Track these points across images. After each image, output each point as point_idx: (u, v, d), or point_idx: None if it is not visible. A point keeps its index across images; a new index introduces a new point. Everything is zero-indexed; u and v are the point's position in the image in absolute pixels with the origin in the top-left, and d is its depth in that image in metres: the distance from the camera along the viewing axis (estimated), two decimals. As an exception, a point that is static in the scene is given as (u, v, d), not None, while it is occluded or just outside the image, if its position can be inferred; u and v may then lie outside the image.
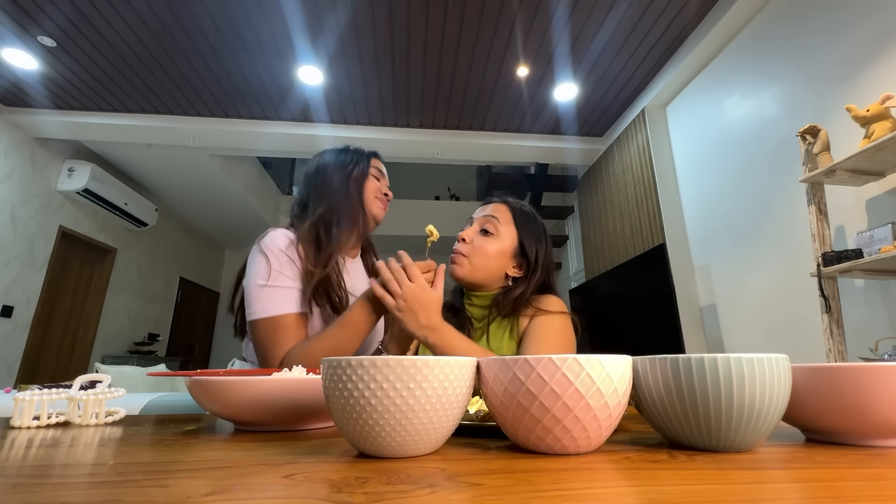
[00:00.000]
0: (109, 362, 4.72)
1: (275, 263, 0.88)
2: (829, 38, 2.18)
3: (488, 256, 0.94)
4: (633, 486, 0.28)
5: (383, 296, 0.79)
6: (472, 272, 0.94)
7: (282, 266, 0.89)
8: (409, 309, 0.77)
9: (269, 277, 0.87)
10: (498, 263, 0.95)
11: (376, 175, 1.10)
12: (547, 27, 2.92)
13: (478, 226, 0.98)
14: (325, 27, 2.91)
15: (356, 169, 1.06)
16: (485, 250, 0.94)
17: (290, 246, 0.91)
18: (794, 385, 0.39)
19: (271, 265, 0.88)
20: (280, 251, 0.90)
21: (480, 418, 0.48)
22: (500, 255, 0.95)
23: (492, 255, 0.94)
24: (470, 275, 0.94)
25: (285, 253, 0.90)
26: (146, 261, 5.60)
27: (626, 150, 3.86)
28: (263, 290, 0.86)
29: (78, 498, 0.26)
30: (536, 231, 0.99)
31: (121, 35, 2.95)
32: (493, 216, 0.97)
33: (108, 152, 4.49)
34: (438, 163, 4.55)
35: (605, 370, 0.36)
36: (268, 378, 0.51)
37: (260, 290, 0.87)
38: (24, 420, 0.53)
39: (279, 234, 0.93)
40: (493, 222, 0.96)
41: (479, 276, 0.94)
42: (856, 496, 0.25)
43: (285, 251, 0.90)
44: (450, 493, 0.26)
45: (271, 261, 0.88)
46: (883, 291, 1.91)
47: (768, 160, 2.53)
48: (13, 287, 3.88)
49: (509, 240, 0.96)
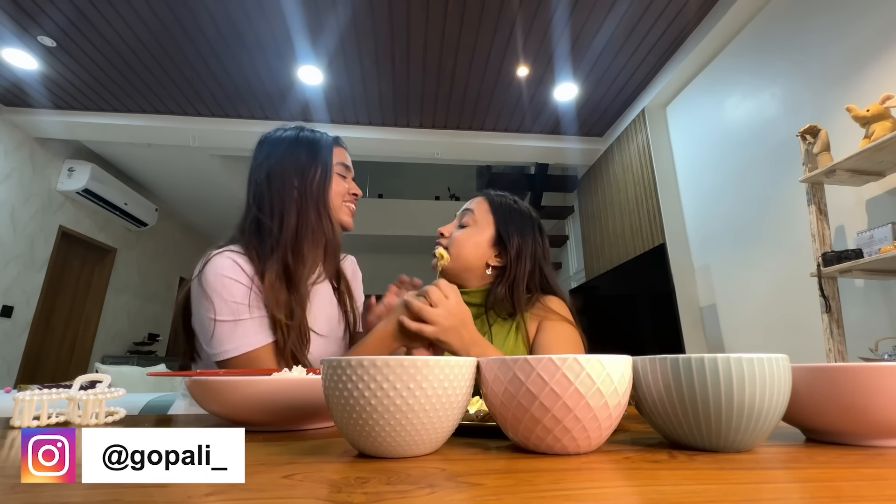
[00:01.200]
0: (109, 362, 4.72)
1: (227, 295, 0.77)
2: (829, 38, 2.18)
3: (464, 246, 0.94)
4: (633, 486, 0.28)
5: (421, 328, 0.73)
6: (453, 262, 0.94)
7: (235, 296, 0.78)
8: (453, 328, 0.74)
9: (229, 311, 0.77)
10: (475, 253, 0.94)
11: (341, 172, 0.94)
12: (547, 27, 2.92)
13: (456, 221, 1.00)
14: (325, 27, 2.91)
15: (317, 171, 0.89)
16: (460, 241, 0.95)
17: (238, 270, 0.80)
18: (794, 385, 0.39)
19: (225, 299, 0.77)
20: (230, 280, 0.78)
21: (480, 418, 0.48)
22: (476, 245, 0.95)
23: (468, 245, 0.94)
24: (450, 265, 0.94)
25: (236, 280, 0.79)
26: (146, 261, 5.60)
27: (626, 150, 3.86)
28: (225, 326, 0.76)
29: (78, 498, 0.26)
30: (519, 221, 0.97)
31: (121, 35, 2.95)
32: (469, 209, 0.99)
33: (108, 152, 4.49)
34: (438, 163, 4.56)
35: (605, 370, 0.36)
36: (268, 378, 0.51)
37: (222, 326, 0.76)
38: (24, 420, 0.53)
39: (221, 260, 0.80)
40: (469, 215, 0.98)
41: (458, 266, 0.94)
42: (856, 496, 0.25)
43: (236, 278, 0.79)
44: (450, 493, 0.26)
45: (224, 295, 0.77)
46: (883, 291, 1.91)
47: (768, 160, 2.53)
48: (13, 287, 3.88)
49: (487, 229, 0.96)
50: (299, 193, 0.87)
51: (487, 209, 0.98)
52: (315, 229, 0.87)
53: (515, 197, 1.04)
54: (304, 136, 0.94)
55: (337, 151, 0.95)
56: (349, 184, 0.96)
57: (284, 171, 0.88)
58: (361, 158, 4.66)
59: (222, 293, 0.78)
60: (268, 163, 0.90)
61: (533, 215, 1.02)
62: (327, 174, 0.90)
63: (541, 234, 0.99)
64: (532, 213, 1.03)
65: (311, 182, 0.88)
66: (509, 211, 0.99)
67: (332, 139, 0.96)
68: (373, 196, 7.82)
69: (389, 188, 7.94)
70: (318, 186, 0.88)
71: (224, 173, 4.77)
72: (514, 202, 1.02)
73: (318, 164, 0.90)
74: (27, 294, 4.02)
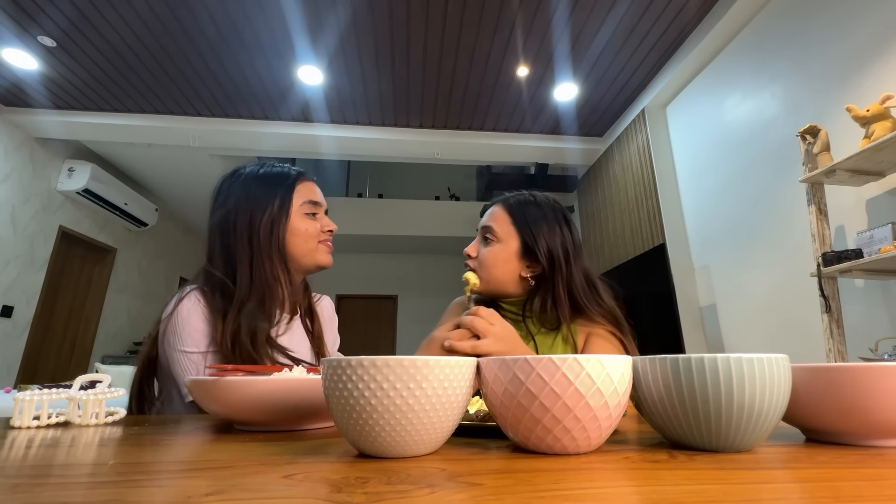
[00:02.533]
0: (109, 362, 4.72)
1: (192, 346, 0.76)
2: (829, 38, 2.18)
3: (494, 266, 0.90)
4: (633, 486, 0.28)
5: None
6: (486, 286, 0.90)
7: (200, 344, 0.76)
8: (507, 352, 0.73)
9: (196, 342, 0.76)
10: (507, 269, 0.90)
11: (310, 210, 0.87)
12: (547, 27, 2.92)
13: (479, 237, 0.95)
14: (325, 27, 2.91)
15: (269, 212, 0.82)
16: (487, 262, 0.90)
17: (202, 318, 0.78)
18: (794, 385, 0.39)
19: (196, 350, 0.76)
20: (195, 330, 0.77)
21: (480, 418, 0.48)
22: (506, 261, 0.90)
23: (497, 264, 0.90)
24: (484, 289, 0.91)
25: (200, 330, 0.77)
26: (146, 261, 5.60)
27: (626, 150, 3.86)
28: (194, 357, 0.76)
29: (78, 498, 0.26)
30: (540, 218, 0.92)
31: (121, 35, 2.95)
32: (488, 225, 0.93)
33: (108, 152, 4.49)
34: (438, 163, 4.56)
35: (605, 370, 0.36)
36: (268, 378, 0.51)
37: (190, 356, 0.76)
38: (24, 420, 0.53)
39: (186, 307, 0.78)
40: (491, 230, 0.93)
41: (494, 288, 0.91)
42: (856, 496, 0.25)
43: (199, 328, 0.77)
44: (450, 493, 0.26)
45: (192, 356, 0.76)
46: (883, 291, 1.91)
47: (768, 160, 2.53)
48: (13, 287, 3.88)
49: (512, 241, 0.91)
50: (251, 245, 0.81)
51: (507, 219, 0.93)
52: (272, 282, 0.81)
53: (533, 192, 0.98)
54: (261, 175, 0.87)
55: (302, 188, 0.87)
56: (322, 220, 0.90)
57: (236, 220, 0.82)
58: (361, 158, 4.66)
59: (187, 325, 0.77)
60: (220, 211, 0.84)
61: (555, 205, 0.96)
62: (281, 220, 0.83)
63: (567, 225, 0.93)
64: (553, 202, 0.97)
65: (264, 230, 0.81)
66: (528, 212, 0.93)
67: (294, 176, 0.88)
68: (373, 196, 7.83)
69: (389, 188, 7.94)
70: (272, 234, 0.82)
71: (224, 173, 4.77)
72: (532, 197, 0.96)
73: (271, 208, 0.83)
74: (27, 294, 4.02)
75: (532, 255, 0.90)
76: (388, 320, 7.42)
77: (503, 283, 0.91)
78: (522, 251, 0.90)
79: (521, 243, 0.90)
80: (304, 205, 0.87)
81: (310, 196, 0.89)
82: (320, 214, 0.91)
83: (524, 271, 0.91)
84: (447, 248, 6.95)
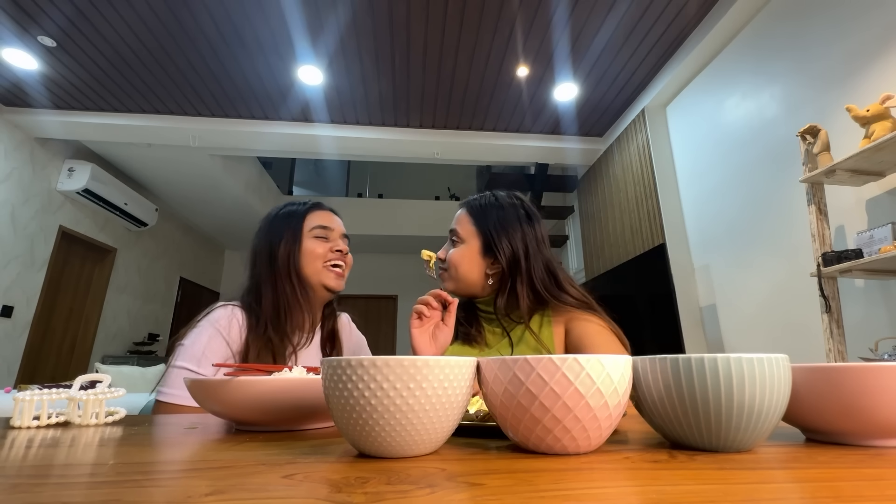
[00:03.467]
0: (109, 362, 4.72)
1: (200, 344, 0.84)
2: (829, 38, 2.18)
3: (460, 265, 0.93)
4: (633, 486, 0.28)
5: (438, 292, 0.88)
6: (456, 284, 0.94)
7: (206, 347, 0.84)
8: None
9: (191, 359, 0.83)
10: (472, 268, 0.93)
11: (320, 234, 0.96)
12: (547, 27, 2.92)
13: (449, 241, 0.99)
14: (325, 27, 2.91)
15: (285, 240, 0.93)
16: (454, 262, 0.94)
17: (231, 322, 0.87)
18: (794, 385, 0.39)
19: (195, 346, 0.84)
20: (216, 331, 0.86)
21: (480, 418, 0.48)
22: (470, 260, 0.93)
23: (462, 263, 0.93)
24: (455, 288, 0.94)
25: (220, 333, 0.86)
26: (146, 261, 5.60)
27: (626, 150, 3.86)
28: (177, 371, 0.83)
29: (78, 498, 0.26)
30: (500, 218, 0.94)
31: (121, 35, 2.95)
32: (453, 227, 0.98)
33: (108, 152, 4.49)
34: (438, 163, 4.56)
35: (605, 370, 0.36)
36: (268, 378, 0.51)
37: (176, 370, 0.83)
38: (24, 420, 0.53)
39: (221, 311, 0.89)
40: (455, 231, 0.96)
41: (463, 287, 0.94)
42: (856, 496, 0.25)
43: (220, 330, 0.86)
44: (450, 493, 0.26)
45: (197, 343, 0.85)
46: (883, 291, 1.91)
47: (768, 160, 2.53)
48: (13, 287, 3.88)
49: (474, 241, 0.94)
50: (272, 270, 0.92)
51: (468, 220, 0.96)
52: (291, 303, 0.91)
53: (497, 192, 1.01)
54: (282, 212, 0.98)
55: (314, 216, 0.97)
56: (333, 242, 0.96)
57: (261, 251, 0.94)
58: (361, 158, 4.66)
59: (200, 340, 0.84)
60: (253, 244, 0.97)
61: (517, 202, 0.98)
62: (296, 240, 0.93)
63: (529, 221, 0.95)
64: (516, 200, 0.98)
65: (281, 256, 0.92)
66: (488, 212, 0.95)
67: (309, 206, 0.99)
68: (373, 196, 7.83)
69: (389, 188, 7.94)
70: (288, 259, 0.92)
71: (224, 173, 4.77)
72: (494, 198, 0.98)
73: (286, 236, 0.93)
74: (27, 294, 4.02)
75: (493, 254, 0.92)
76: (388, 320, 7.42)
77: (471, 283, 0.93)
78: (484, 250, 0.93)
79: (483, 243, 0.93)
80: (314, 229, 0.95)
81: (319, 222, 0.97)
82: (332, 238, 0.97)
83: (488, 268, 0.93)
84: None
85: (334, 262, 0.95)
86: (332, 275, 0.95)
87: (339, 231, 0.99)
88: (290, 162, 7.73)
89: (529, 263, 0.90)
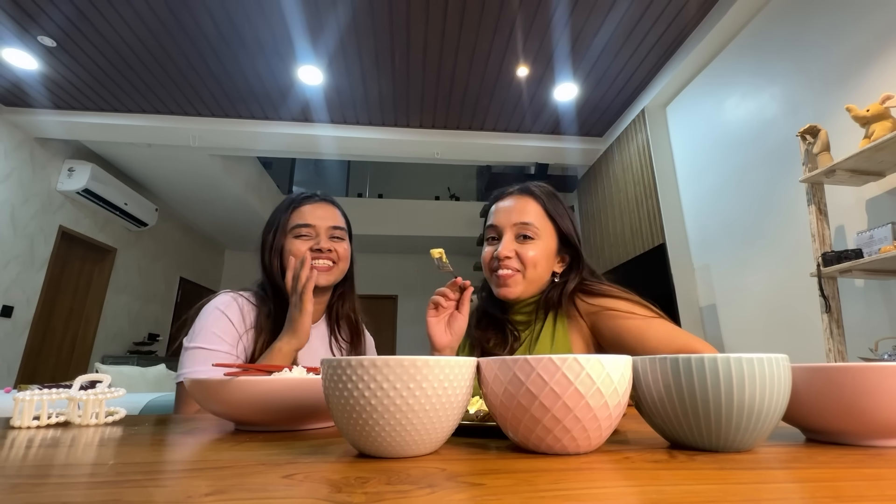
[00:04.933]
0: (109, 362, 4.72)
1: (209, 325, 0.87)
2: (829, 38, 2.18)
3: (540, 264, 0.84)
4: (633, 486, 0.28)
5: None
6: (528, 288, 0.85)
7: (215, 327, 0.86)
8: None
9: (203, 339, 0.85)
10: (548, 266, 0.86)
11: (302, 232, 0.94)
12: (547, 27, 2.92)
13: (512, 235, 0.86)
14: (325, 27, 2.91)
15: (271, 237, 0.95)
16: (536, 260, 0.84)
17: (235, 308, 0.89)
18: (794, 385, 0.39)
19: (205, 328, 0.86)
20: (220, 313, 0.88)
21: (480, 418, 0.48)
22: (548, 258, 0.86)
23: (542, 262, 0.85)
24: (525, 292, 0.86)
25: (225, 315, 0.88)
26: (146, 261, 5.60)
27: (626, 150, 3.86)
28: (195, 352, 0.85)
29: (78, 498, 0.26)
30: (565, 210, 0.88)
31: (121, 35, 2.95)
32: (527, 220, 0.86)
33: (108, 152, 4.49)
34: (438, 163, 4.56)
35: (605, 370, 0.36)
36: (268, 378, 0.51)
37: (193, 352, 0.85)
38: (24, 420, 0.53)
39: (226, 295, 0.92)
40: (529, 225, 0.85)
41: (534, 290, 0.86)
42: (856, 496, 0.25)
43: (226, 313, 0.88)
44: (450, 493, 0.26)
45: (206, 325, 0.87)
46: (883, 291, 1.91)
47: (768, 160, 2.53)
48: (13, 287, 3.88)
49: (551, 237, 0.86)
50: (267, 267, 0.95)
51: (541, 212, 0.87)
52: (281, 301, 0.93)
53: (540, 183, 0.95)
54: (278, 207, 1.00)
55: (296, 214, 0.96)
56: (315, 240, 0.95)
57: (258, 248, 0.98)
58: (361, 158, 4.66)
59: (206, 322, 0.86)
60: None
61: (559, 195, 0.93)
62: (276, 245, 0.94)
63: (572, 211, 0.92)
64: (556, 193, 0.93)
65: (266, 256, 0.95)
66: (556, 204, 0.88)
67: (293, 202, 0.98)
68: (373, 196, 7.83)
69: (389, 188, 7.94)
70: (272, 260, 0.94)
71: (224, 173, 4.77)
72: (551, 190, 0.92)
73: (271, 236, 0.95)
74: (27, 294, 4.02)
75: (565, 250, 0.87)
76: (388, 320, 7.42)
77: (541, 285, 0.87)
78: (559, 246, 0.87)
79: (558, 238, 0.87)
80: (294, 228, 0.95)
81: (300, 220, 0.95)
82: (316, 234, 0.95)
83: (556, 267, 0.87)
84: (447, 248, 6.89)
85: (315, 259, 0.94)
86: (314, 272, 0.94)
87: (324, 225, 0.96)
88: (290, 162, 7.72)
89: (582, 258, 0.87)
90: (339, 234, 0.99)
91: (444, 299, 0.82)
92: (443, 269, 0.83)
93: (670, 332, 0.76)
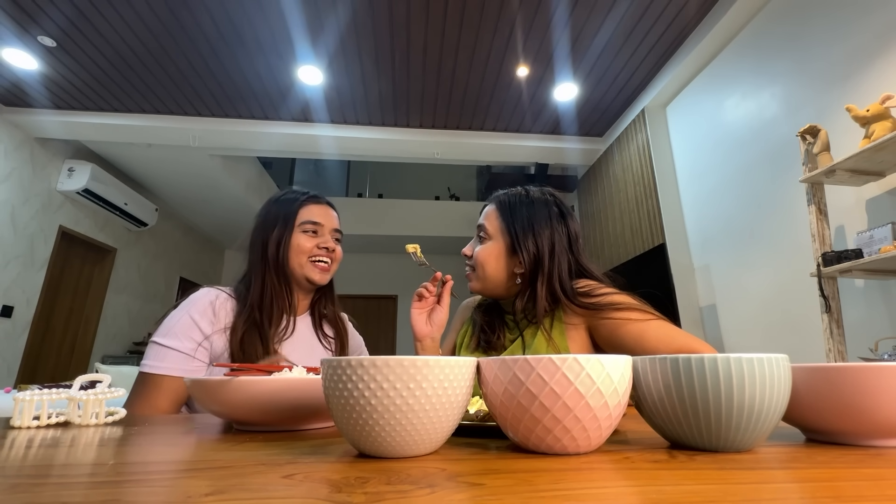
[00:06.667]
0: (109, 362, 4.72)
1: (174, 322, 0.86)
2: (829, 38, 2.18)
3: (486, 263, 0.90)
4: (633, 486, 0.28)
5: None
6: (483, 284, 0.92)
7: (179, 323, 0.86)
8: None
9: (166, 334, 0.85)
10: (499, 266, 0.90)
11: (309, 229, 0.96)
12: (547, 27, 2.92)
13: (476, 236, 0.96)
14: (325, 27, 2.91)
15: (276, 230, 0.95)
16: (481, 260, 0.91)
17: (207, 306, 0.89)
18: (794, 385, 0.39)
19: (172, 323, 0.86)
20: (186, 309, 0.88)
21: (480, 418, 0.48)
22: (497, 258, 0.90)
23: (490, 262, 0.90)
24: (482, 288, 0.92)
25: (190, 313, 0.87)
26: (146, 261, 5.60)
27: (626, 150, 3.86)
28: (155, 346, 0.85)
29: (78, 498, 0.26)
30: (530, 215, 0.89)
31: (121, 35, 2.95)
32: (481, 223, 0.94)
33: (108, 152, 4.49)
34: (438, 163, 4.56)
35: (605, 370, 0.36)
36: (268, 378, 0.51)
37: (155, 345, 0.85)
38: (24, 420, 0.53)
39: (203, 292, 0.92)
40: (483, 227, 0.93)
41: (490, 286, 0.91)
42: (856, 496, 0.25)
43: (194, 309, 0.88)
44: (450, 493, 0.26)
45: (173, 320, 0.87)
46: (883, 291, 1.91)
47: (768, 160, 2.53)
48: (13, 287, 3.87)
49: (501, 238, 0.90)
50: (262, 259, 0.94)
51: (496, 216, 0.92)
52: (276, 291, 0.93)
53: (529, 188, 0.96)
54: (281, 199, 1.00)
55: (307, 210, 0.98)
56: (322, 238, 0.97)
57: (255, 238, 0.97)
58: (361, 158, 4.66)
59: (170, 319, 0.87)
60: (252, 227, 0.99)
61: (549, 199, 0.93)
62: (284, 237, 0.94)
63: (562, 219, 0.91)
64: (548, 196, 0.94)
65: (271, 247, 0.94)
66: (517, 209, 0.91)
67: (304, 199, 0.99)
68: (373, 196, 7.82)
69: (389, 188, 7.93)
70: (277, 251, 0.94)
71: (224, 173, 4.77)
72: (525, 193, 0.94)
73: (278, 227, 0.95)
74: (27, 294, 4.02)
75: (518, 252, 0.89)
76: (388, 320, 7.42)
77: (497, 282, 0.91)
78: (511, 249, 0.90)
79: (509, 241, 0.90)
80: (304, 224, 0.96)
81: (311, 217, 0.97)
82: (321, 233, 0.98)
83: (516, 267, 0.89)
84: (447, 248, 6.94)
85: (320, 258, 0.97)
86: (316, 269, 0.96)
87: (329, 226, 0.99)
88: (290, 162, 7.72)
89: (553, 263, 0.87)
90: (339, 236, 1.03)
91: (426, 291, 0.91)
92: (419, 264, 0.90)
93: (669, 333, 0.78)
